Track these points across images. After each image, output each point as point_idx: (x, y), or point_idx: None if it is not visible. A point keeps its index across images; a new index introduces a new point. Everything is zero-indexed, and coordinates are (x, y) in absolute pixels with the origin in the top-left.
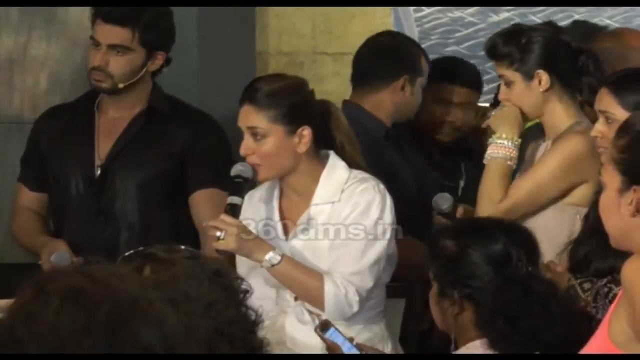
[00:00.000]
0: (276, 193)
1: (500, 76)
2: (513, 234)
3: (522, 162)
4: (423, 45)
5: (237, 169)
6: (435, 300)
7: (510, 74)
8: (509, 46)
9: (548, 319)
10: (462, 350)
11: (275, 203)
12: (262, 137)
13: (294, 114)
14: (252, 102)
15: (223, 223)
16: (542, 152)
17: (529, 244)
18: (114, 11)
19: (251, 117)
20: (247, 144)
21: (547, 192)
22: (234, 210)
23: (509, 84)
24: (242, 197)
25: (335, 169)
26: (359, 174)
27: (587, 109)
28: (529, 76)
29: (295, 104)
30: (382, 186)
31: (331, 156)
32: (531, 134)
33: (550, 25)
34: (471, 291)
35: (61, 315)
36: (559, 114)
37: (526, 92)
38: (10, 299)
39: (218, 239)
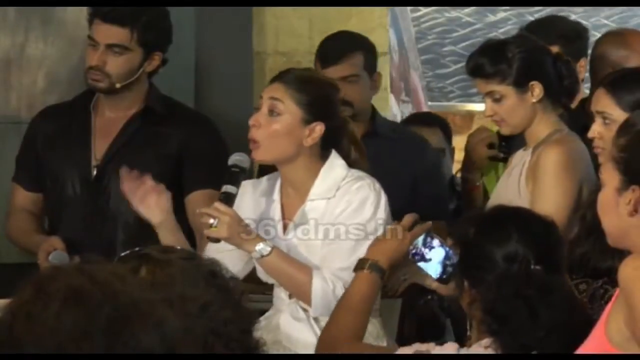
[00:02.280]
0: (277, 188)
1: (488, 93)
2: (528, 231)
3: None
4: (420, 45)
5: (234, 159)
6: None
7: (503, 89)
8: (498, 63)
9: (532, 322)
10: (467, 351)
11: (277, 199)
12: (278, 114)
13: (316, 105)
14: (283, 81)
15: (216, 211)
16: (524, 161)
17: (543, 242)
18: (113, 11)
19: (278, 91)
20: (259, 116)
21: (571, 202)
22: (228, 199)
23: (499, 99)
24: (238, 186)
25: (334, 167)
26: (355, 172)
27: (589, 112)
28: (522, 89)
29: (321, 97)
30: (377, 185)
31: (332, 154)
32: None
33: (522, 36)
34: (476, 282)
35: (62, 318)
36: (542, 124)
37: (519, 104)
38: (8, 299)
39: (210, 226)
